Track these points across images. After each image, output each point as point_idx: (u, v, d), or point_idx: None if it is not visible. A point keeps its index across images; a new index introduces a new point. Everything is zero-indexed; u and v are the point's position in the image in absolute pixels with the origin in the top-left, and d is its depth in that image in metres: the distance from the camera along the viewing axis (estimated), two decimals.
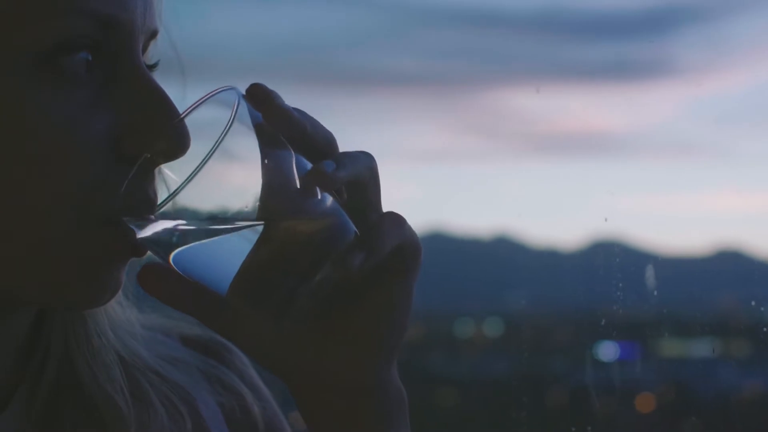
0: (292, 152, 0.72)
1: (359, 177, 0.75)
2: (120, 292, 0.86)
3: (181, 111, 0.76)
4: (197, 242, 0.71)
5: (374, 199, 0.77)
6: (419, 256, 0.78)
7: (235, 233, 0.70)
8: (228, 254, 0.71)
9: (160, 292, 0.79)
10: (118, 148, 0.76)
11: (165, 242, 0.72)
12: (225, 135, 0.69)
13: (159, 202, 0.73)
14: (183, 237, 0.72)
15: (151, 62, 0.82)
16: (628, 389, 2.59)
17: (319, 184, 0.71)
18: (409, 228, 0.78)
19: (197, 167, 0.69)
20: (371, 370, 0.79)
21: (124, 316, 0.92)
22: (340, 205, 0.73)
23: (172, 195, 0.70)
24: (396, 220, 0.76)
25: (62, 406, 0.85)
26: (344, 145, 0.78)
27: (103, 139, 0.75)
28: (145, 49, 0.80)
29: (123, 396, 0.87)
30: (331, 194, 0.73)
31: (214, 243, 0.71)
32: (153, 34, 0.81)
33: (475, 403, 3.22)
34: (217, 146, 0.69)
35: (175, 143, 0.76)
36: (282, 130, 0.72)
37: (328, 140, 0.76)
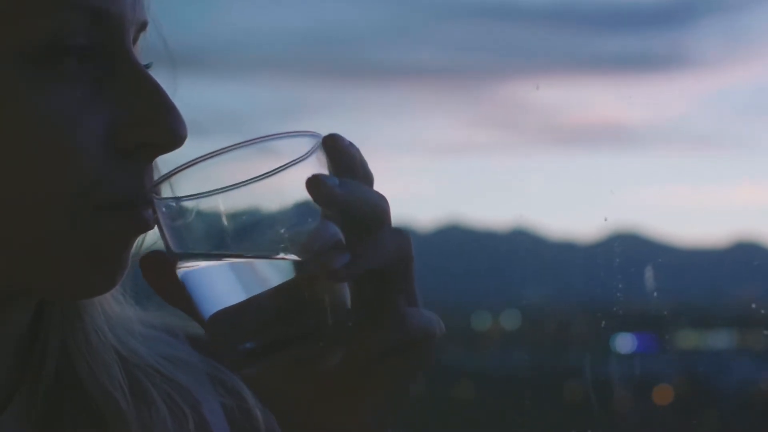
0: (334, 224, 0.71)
1: (378, 266, 0.72)
2: (118, 288, 0.85)
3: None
4: (205, 265, 0.70)
5: (397, 288, 0.74)
6: (431, 348, 0.75)
7: (235, 265, 0.70)
8: (225, 286, 0.70)
9: (162, 289, 0.77)
10: (117, 142, 0.76)
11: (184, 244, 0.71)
12: (282, 170, 0.68)
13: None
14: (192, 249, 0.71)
15: (143, 59, 0.82)
16: (646, 381, 2.59)
17: (327, 276, 0.70)
18: (418, 323, 0.74)
19: (248, 180, 0.68)
20: None
21: (122, 312, 0.91)
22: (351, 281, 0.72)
23: (209, 193, 0.69)
24: (398, 326, 0.73)
25: (62, 405, 0.84)
26: (364, 136, 0.76)
27: (100, 134, 0.75)
28: (135, 41, 0.80)
29: (123, 394, 0.86)
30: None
31: (217, 271, 0.70)
32: (143, 26, 0.81)
33: (492, 395, 3.22)
34: (272, 174, 0.68)
35: (173, 134, 0.76)
36: (319, 202, 0.70)
37: (375, 216, 0.73)
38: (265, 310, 0.70)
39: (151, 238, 0.81)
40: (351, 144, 0.73)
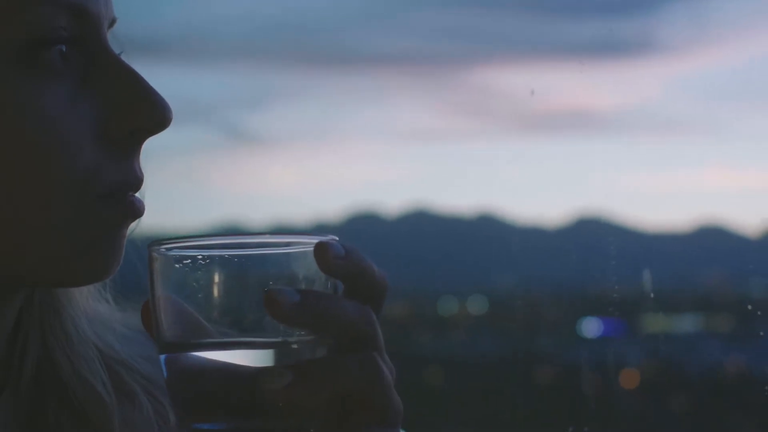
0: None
1: (332, 391, 0.69)
2: (99, 287, 0.86)
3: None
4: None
5: (356, 409, 0.71)
6: None
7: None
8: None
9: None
10: (107, 132, 0.77)
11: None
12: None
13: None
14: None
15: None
16: (614, 365, 2.61)
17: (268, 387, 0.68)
18: None
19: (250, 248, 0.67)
20: None
21: (102, 310, 0.92)
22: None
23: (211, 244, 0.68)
24: None
25: (46, 402, 0.86)
26: (334, 122, 0.75)
27: (89, 126, 0.77)
28: None
29: (105, 388, 0.87)
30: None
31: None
32: (112, 23, 0.83)
33: (461, 380, 3.24)
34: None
35: (160, 117, 0.77)
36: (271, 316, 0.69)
37: (347, 337, 0.70)
38: (226, 397, 0.69)
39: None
40: (346, 254, 0.68)
